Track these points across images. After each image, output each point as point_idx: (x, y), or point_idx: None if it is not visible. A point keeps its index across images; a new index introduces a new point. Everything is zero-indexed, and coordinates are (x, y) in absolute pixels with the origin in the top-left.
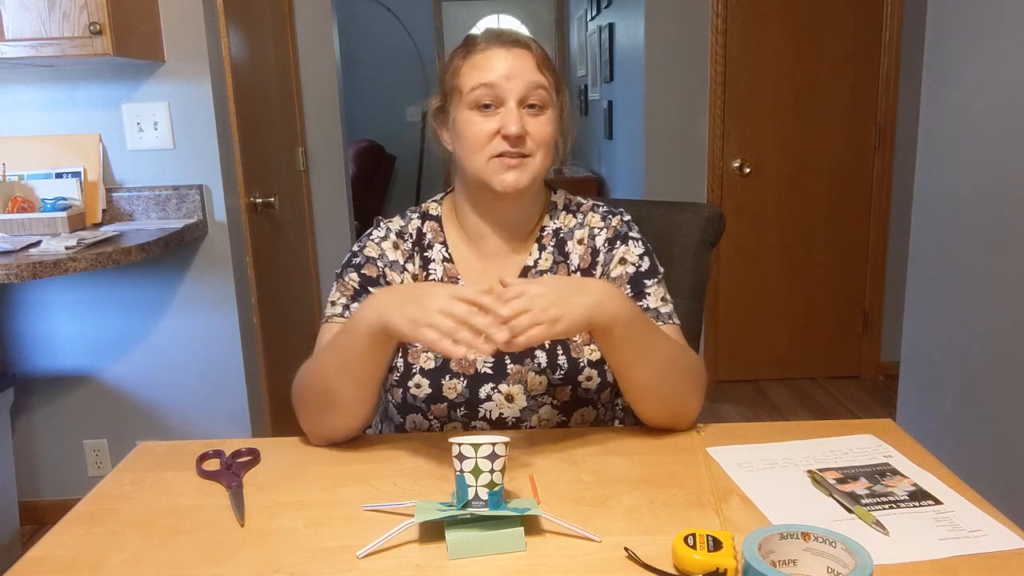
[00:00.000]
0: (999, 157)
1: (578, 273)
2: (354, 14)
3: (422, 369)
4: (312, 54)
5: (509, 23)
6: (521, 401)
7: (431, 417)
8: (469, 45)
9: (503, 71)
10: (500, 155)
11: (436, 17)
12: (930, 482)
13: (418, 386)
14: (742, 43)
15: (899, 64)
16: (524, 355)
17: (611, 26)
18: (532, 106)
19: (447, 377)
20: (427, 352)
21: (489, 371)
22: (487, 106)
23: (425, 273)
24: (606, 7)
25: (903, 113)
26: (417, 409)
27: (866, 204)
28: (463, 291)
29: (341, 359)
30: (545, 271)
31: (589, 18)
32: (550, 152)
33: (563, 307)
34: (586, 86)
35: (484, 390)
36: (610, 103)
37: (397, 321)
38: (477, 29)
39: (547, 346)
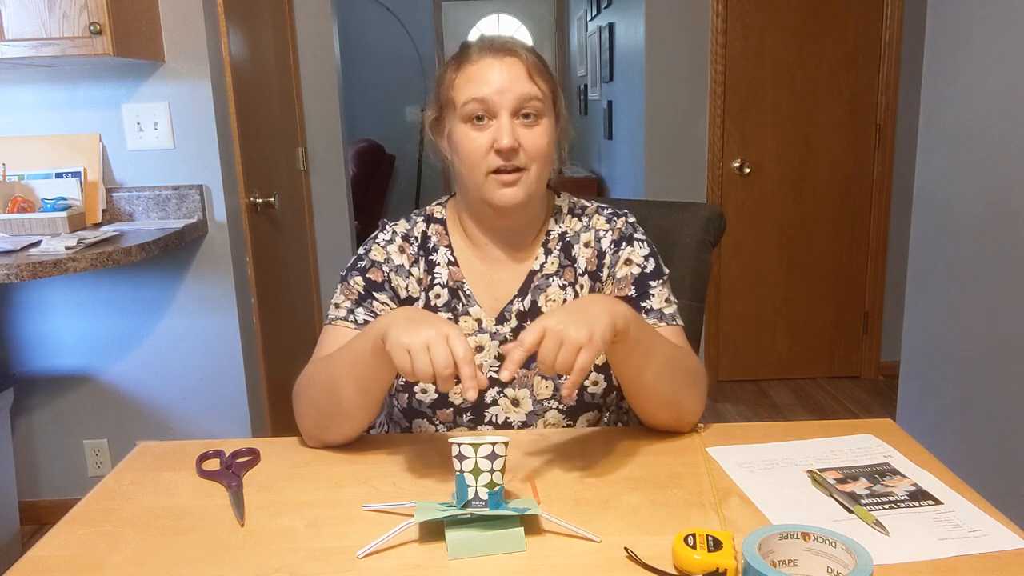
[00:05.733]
0: (999, 157)
1: (585, 276)
2: (354, 14)
3: None
4: (312, 54)
5: (509, 23)
6: (527, 405)
7: (437, 422)
8: (462, 55)
9: (495, 84)
10: (496, 171)
11: (436, 17)
12: (930, 482)
13: (424, 392)
14: (742, 43)
15: (899, 64)
16: (530, 359)
17: (611, 26)
18: (526, 115)
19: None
20: None
21: (495, 375)
22: (480, 118)
23: (430, 277)
24: (606, 7)
25: (903, 113)
26: (423, 414)
27: (866, 204)
28: (458, 341)
29: (351, 364)
30: (551, 275)
31: (589, 18)
32: (547, 163)
33: (589, 323)
34: (586, 86)
35: (490, 394)
36: (610, 103)
37: (392, 335)
38: (477, 29)
39: None
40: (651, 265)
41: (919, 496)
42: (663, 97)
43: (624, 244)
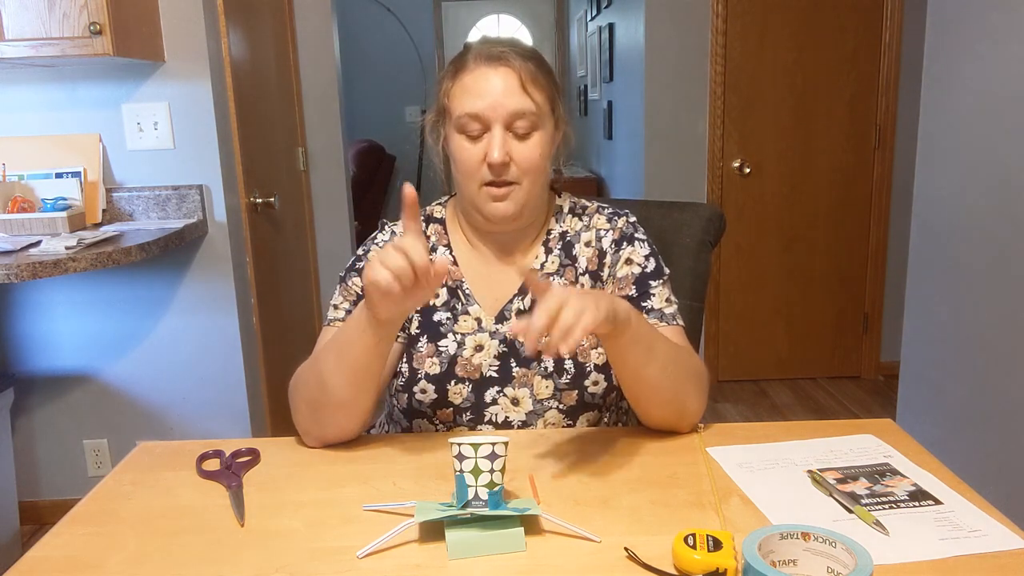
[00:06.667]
0: (999, 157)
1: (586, 275)
2: (354, 14)
3: (427, 375)
4: (312, 54)
5: (509, 23)
6: (527, 405)
7: (437, 422)
8: (460, 62)
9: (487, 99)
10: (488, 183)
11: (436, 17)
12: (930, 482)
13: (423, 391)
14: (742, 43)
15: (899, 65)
16: (530, 359)
17: (611, 26)
18: (519, 128)
19: (452, 382)
20: (432, 358)
21: (495, 375)
22: (473, 130)
23: None
24: (606, 7)
25: (903, 114)
26: (423, 414)
27: (866, 204)
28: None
29: (338, 348)
30: (551, 274)
31: (589, 18)
32: (540, 174)
33: (595, 299)
34: (586, 86)
35: (490, 394)
36: (610, 103)
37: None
38: (477, 29)
39: None
40: (652, 265)
41: (919, 496)
42: (663, 97)
43: (625, 244)
